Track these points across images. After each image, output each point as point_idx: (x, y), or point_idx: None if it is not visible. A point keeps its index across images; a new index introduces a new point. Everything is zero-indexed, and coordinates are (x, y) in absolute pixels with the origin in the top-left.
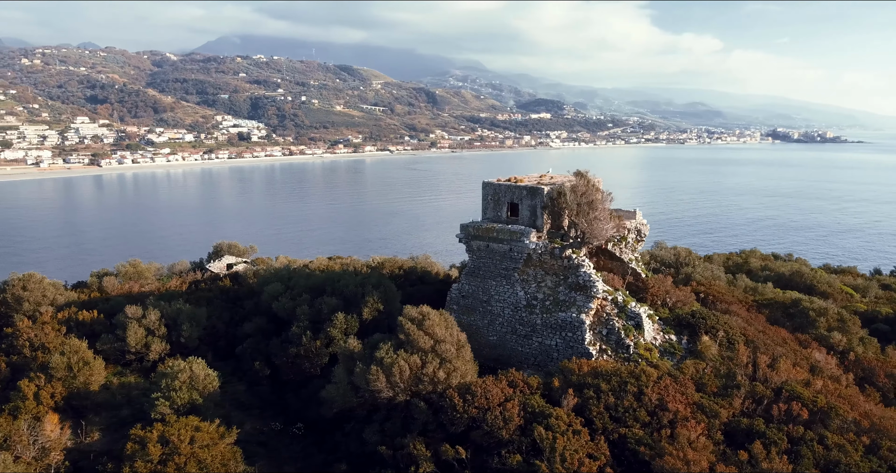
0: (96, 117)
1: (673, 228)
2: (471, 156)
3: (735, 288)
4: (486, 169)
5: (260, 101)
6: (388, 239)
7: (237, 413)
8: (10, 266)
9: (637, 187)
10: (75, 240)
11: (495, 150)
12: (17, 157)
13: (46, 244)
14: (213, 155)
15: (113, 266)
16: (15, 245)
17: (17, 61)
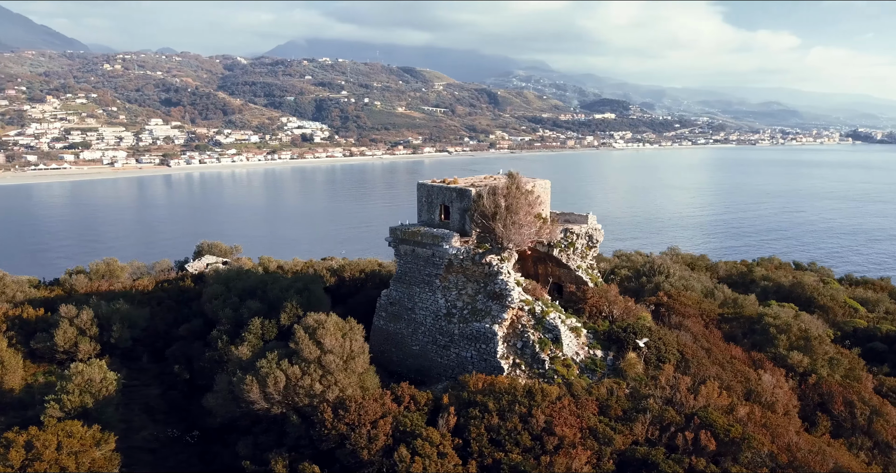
0: (169, 119)
1: (718, 232)
2: (530, 156)
3: (707, 301)
4: (542, 169)
5: (324, 103)
6: None
7: (142, 417)
8: (89, 255)
9: (695, 189)
10: (122, 234)
11: (556, 151)
12: (94, 157)
13: (101, 238)
14: (276, 155)
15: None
16: (81, 237)
17: (100, 66)
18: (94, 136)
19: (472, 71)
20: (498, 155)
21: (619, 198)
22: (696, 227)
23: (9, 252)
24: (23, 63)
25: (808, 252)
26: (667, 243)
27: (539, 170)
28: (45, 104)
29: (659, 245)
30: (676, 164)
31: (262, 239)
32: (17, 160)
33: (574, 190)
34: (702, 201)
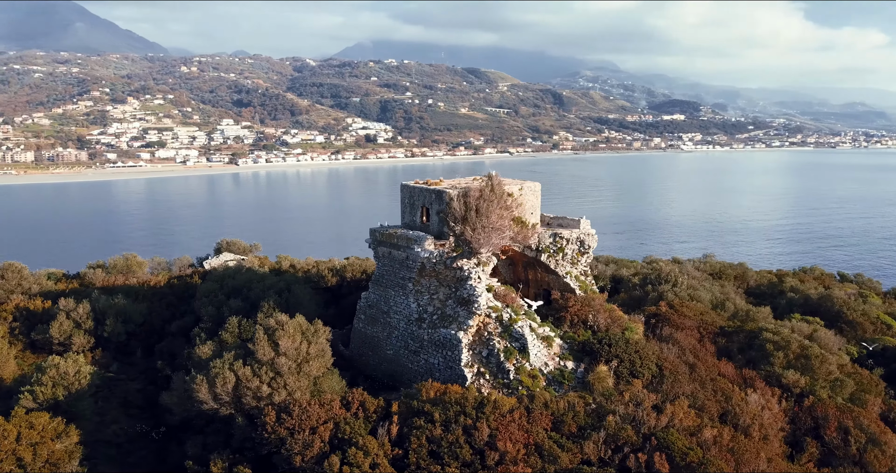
0: (240, 119)
1: (779, 238)
2: (593, 158)
3: (712, 312)
4: (605, 171)
5: (389, 104)
6: None
7: (117, 411)
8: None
9: (762, 193)
10: (185, 229)
11: (621, 153)
12: (168, 156)
13: (170, 230)
14: (339, 155)
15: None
16: (145, 230)
17: (178, 69)
18: (170, 136)
19: (538, 72)
20: (560, 156)
21: (683, 200)
22: (757, 232)
23: (83, 242)
24: (108, 66)
25: (869, 261)
26: (719, 247)
27: (601, 171)
28: (126, 105)
29: (709, 249)
30: (746, 167)
31: (300, 238)
32: (99, 158)
33: (636, 192)
34: (768, 206)
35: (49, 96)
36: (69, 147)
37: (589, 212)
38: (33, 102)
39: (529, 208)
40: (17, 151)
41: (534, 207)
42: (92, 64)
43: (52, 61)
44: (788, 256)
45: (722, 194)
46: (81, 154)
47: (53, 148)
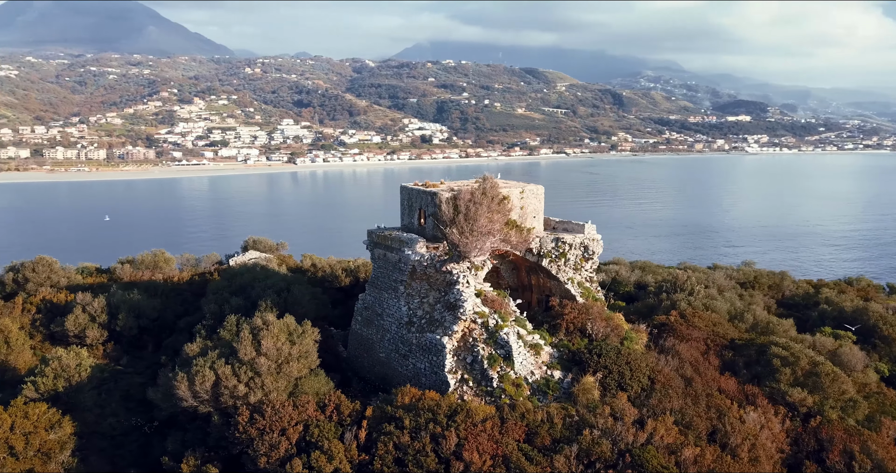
0: (300, 119)
1: (841, 245)
2: (652, 159)
3: (727, 324)
4: (664, 173)
5: (445, 105)
6: None
7: (117, 404)
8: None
9: (829, 198)
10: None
11: (681, 154)
12: (230, 155)
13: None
14: (395, 156)
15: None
16: (198, 224)
17: (242, 70)
18: (232, 135)
19: (598, 72)
20: (619, 157)
21: (744, 204)
22: (818, 238)
23: (141, 236)
24: (177, 68)
25: None
26: (776, 253)
27: (661, 173)
28: (193, 105)
29: (765, 254)
30: (814, 171)
31: (340, 235)
32: (165, 156)
33: (695, 195)
34: (833, 211)
35: (122, 97)
36: (138, 145)
37: (643, 215)
38: (107, 103)
39: (532, 212)
40: (91, 149)
41: (536, 211)
42: (162, 66)
43: (125, 63)
44: (850, 264)
45: (785, 198)
46: (149, 152)
47: (124, 146)
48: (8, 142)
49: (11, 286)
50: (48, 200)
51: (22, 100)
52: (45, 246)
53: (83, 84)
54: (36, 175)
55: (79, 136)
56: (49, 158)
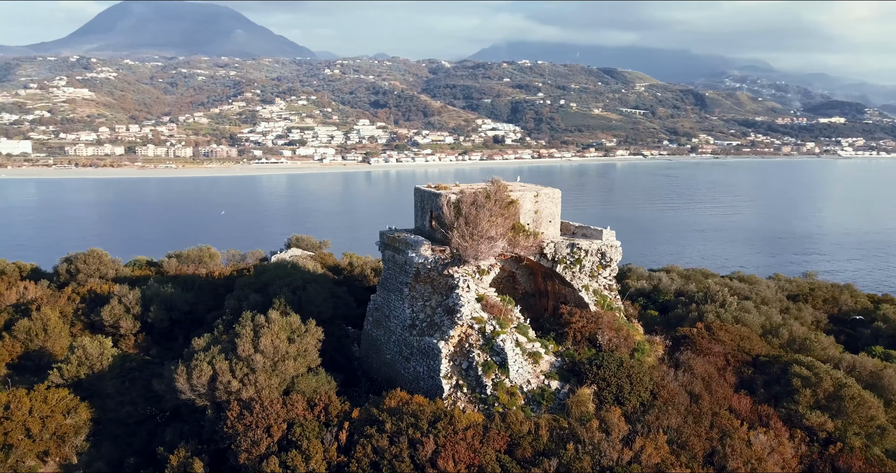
0: (375, 120)
1: None
2: (735, 163)
3: (756, 339)
4: (747, 177)
5: (519, 105)
6: None
7: (137, 394)
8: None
9: None
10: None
11: (767, 158)
12: (307, 154)
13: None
14: (466, 156)
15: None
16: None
17: (322, 71)
18: (310, 135)
19: (680, 72)
20: (699, 160)
21: (833, 211)
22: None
23: (217, 229)
24: (260, 69)
25: None
26: (861, 262)
27: (742, 178)
28: (274, 105)
29: (847, 265)
30: None
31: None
32: (246, 154)
33: (779, 200)
34: None
35: (209, 97)
36: (222, 144)
37: (717, 220)
38: (195, 103)
39: (547, 216)
40: (179, 147)
41: (552, 215)
42: (247, 67)
43: (213, 65)
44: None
45: (877, 205)
46: (232, 150)
47: (209, 144)
48: (105, 140)
49: (65, 276)
50: (137, 195)
51: (119, 100)
52: (126, 237)
53: (174, 85)
54: (128, 171)
55: (168, 135)
56: (141, 155)
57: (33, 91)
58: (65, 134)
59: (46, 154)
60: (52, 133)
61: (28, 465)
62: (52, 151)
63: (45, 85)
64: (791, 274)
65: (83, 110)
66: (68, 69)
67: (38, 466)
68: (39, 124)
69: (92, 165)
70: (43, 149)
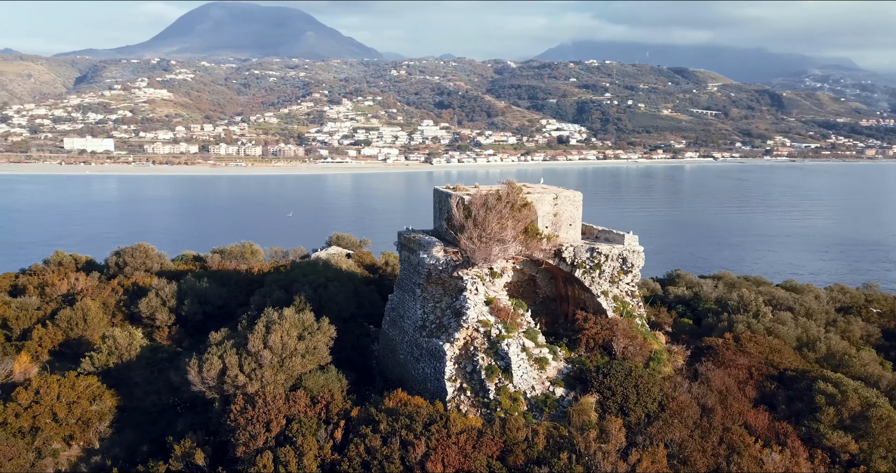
0: (439, 120)
1: None
2: (813, 166)
3: (793, 353)
4: (826, 182)
5: (585, 105)
6: (659, 252)
7: (162, 384)
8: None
9: None
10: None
11: (849, 161)
12: (372, 154)
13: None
14: (528, 157)
15: None
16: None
17: (388, 72)
18: (375, 135)
19: (756, 71)
20: (773, 163)
21: None
22: None
23: (286, 225)
24: (329, 70)
25: None
26: None
27: (820, 181)
28: (341, 106)
29: None
30: None
31: None
32: (313, 153)
33: (862, 207)
34: None
35: (279, 98)
36: (290, 143)
37: (788, 226)
38: (266, 103)
39: (567, 219)
40: (249, 146)
41: (573, 218)
42: (316, 69)
43: (284, 67)
44: None
45: None
46: (299, 150)
47: (277, 144)
48: (181, 139)
49: (113, 269)
50: (207, 191)
51: (195, 100)
52: (190, 231)
53: (247, 86)
54: (201, 168)
55: (240, 134)
56: (213, 154)
57: (117, 92)
58: (144, 132)
59: (127, 152)
60: (132, 132)
61: (53, 447)
62: (132, 149)
63: (128, 86)
64: (861, 285)
65: (162, 110)
66: (149, 71)
67: (63, 449)
68: (122, 123)
69: (168, 163)
70: (124, 147)
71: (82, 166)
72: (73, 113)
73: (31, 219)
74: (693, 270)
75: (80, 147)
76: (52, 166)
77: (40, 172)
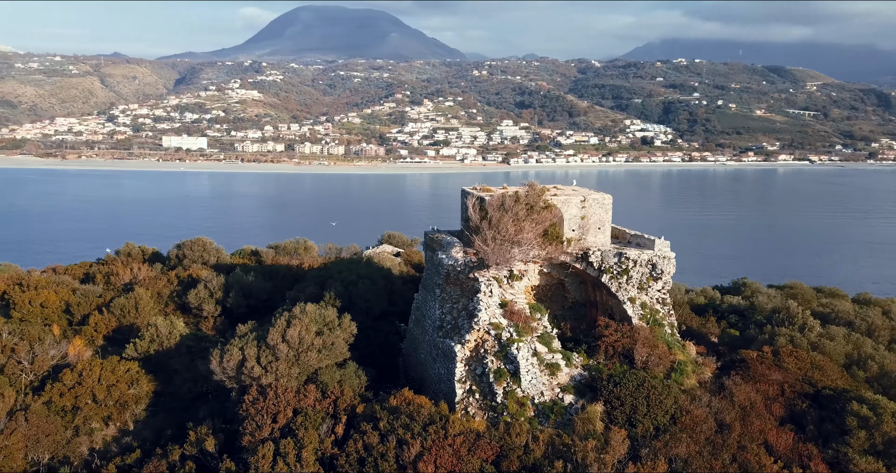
0: (519, 121)
1: None
2: None
3: (839, 371)
4: None
5: (672, 106)
6: (734, 258)
7: (199, 371)
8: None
9: None
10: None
11: None
12: (450, 154)
13: None
14: (610, 158)
15: None
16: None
17: (470, 73)
18: (454, 135)
19: (862, 69)
20: (877, 167)
21: None
22: None
23: (354, 223)
24: (412, 71)
25: None
26: None
27: None
28: (422, 106)
29: None
30: None
31: None
32: (393, 153)
33: None
34: None
35: (363, 98)
36: (371, 143)
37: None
38: (350, 104)
39: (596, 222)
40: (332, 145)
41: (602, 222)
42: (400, 70)
43: (368, 68)
44: None
45: None
46: (380, 150)
47: (359, 143)
48: (269, 138)
49: (174, 260)
50: (291, 188)
51: (284, 101)
52: (263, 225)
53: (333, 87)
54: (285, 166)
55: (324, 134)
56: (298, 152)
57: (212, 93)
58: (235, 131)
59: (218, 150)
60: (224, 131)
61: (91, 427)
62: (223, 147)
63: (222, 87)
64: None
65: (252, 110)
66: (242, 73)
67: (101, 428)
68: (215, 122)
69: (255, 161)
70: (216, 145)
71: (177, 163)
72: (171, 112)
73: (132, 211)
74: (771, 279)
75: (176, 145)
76: (150, 163)
77: (140, 168)
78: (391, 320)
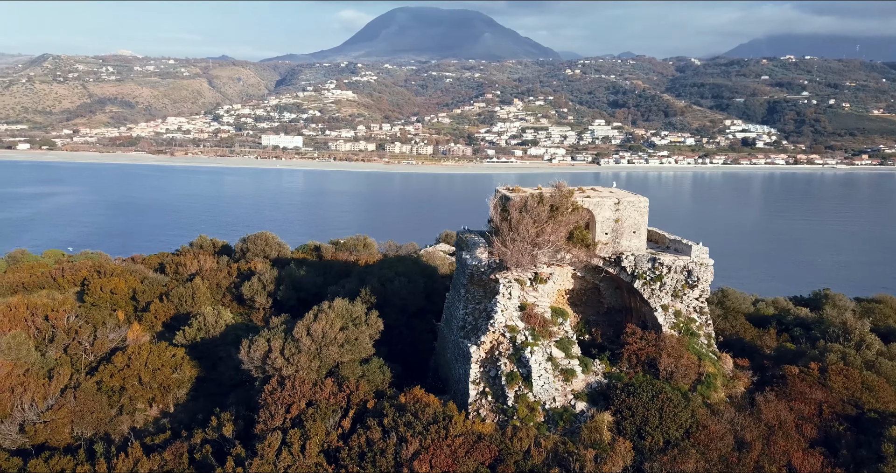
0: (612, 120)
1: None
2: None
3: (893, 392)
4: None
5: (778, 105)
6: (831, 269)
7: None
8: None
9: None
10: None
11: None
12: (538, 154)
13: None
14: (707, 159)
15: None
16: None
17: (563, 72)
18: (543, 135)
19: None
20: None
21: None
22: None
23: (430, 221)
24: (503, 71)
25: None
26: None
27: None
28: (512, 106)
29: None
30: None
31: None
32: (480, 153)
33: None
34: None
35: (453, 98)
36: (459, 143)
37: None
38: (440, 104)
39: (630, 226)
40: (421, 145)
41: (637, 226)
42: (491, 69)
43: (460, 68)
44: None
45: None
46: (468, 149)
47: (448, 143)
48: (361, 137)
49: (238, 253)
50: (380, 187)
51: (377, 101)
52: (353, 222)
53: (424, 87)
54: (375, 165)
55: (414, 134)
56: (388, 152)
57: (309, 93)
58: (329, 131)
59: (313, 148)
60: (319, 130)
61: (136, 407)
62: (317, 146)
63: (319, 88)
64: None
65: (346, 110)
66: (338, 74)
67: (144, 409)
68: (311, 122)
69: (347, 159)
70: (311, 144)
71: (274, 160)
72: (271, 112)
73: (231, 205)
74: (870, 292)
75: (274, 143)
76: (249, 160)
77: (240, 165)
78: (428, 318)
